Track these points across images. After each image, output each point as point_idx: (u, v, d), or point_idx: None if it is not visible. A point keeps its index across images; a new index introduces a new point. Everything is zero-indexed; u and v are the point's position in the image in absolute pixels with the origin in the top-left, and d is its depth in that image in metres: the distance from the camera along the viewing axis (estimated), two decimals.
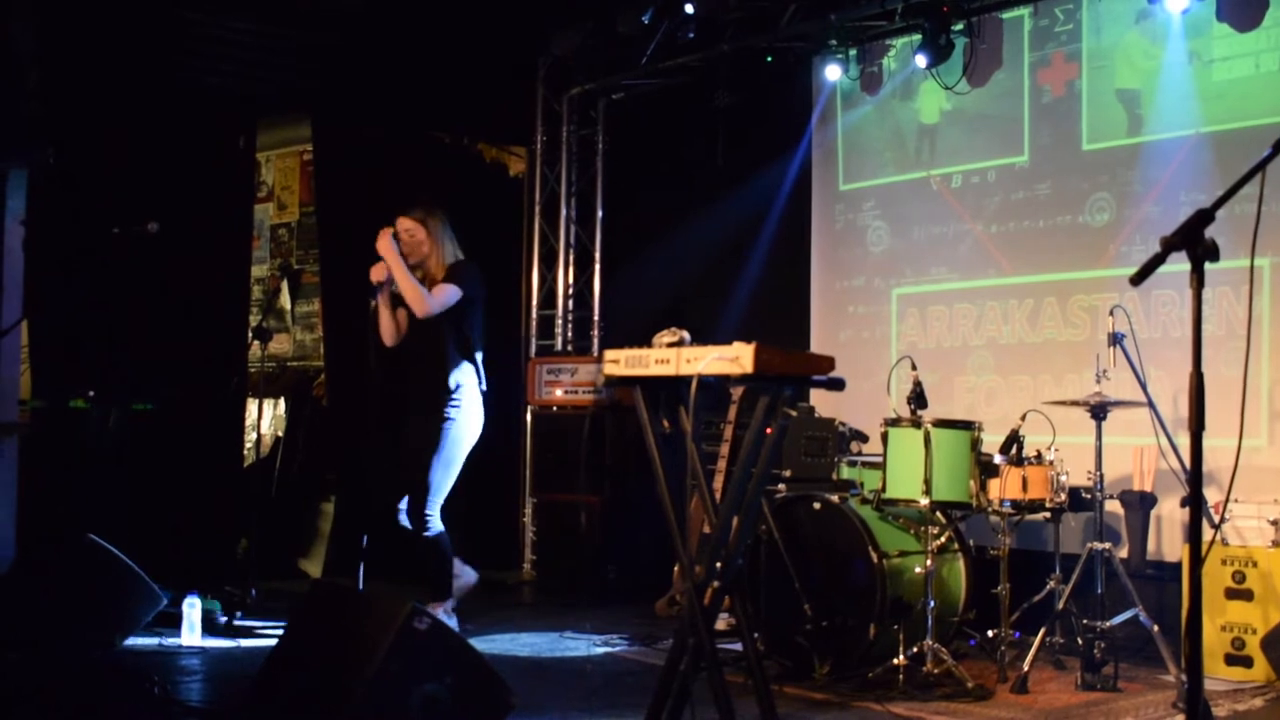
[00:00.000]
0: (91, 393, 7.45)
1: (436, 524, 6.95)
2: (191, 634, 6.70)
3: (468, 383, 7.02)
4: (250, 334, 8.38)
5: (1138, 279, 3.13)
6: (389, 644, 4.43)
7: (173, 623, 6.77)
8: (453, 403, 6.95)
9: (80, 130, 7.94)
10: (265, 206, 11.98)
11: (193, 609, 6.74)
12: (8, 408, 7.25)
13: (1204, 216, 3.11)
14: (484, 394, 7.14)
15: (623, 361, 4.33)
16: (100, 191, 8.11)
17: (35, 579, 6.37)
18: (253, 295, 10.65)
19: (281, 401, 11.01)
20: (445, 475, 6.95)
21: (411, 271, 6.94)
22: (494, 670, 4.73)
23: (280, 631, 5.32)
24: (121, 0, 8.18)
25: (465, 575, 7.22)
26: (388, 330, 7.08)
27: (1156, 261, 3.09)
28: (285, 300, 11.64)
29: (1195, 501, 3.24)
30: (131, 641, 6.52)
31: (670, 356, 4.19)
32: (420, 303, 6.85)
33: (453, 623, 7.07)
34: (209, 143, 9.03)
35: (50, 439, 7.62)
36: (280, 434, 10.58)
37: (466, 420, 7.01)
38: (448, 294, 6.93)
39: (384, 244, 6.84)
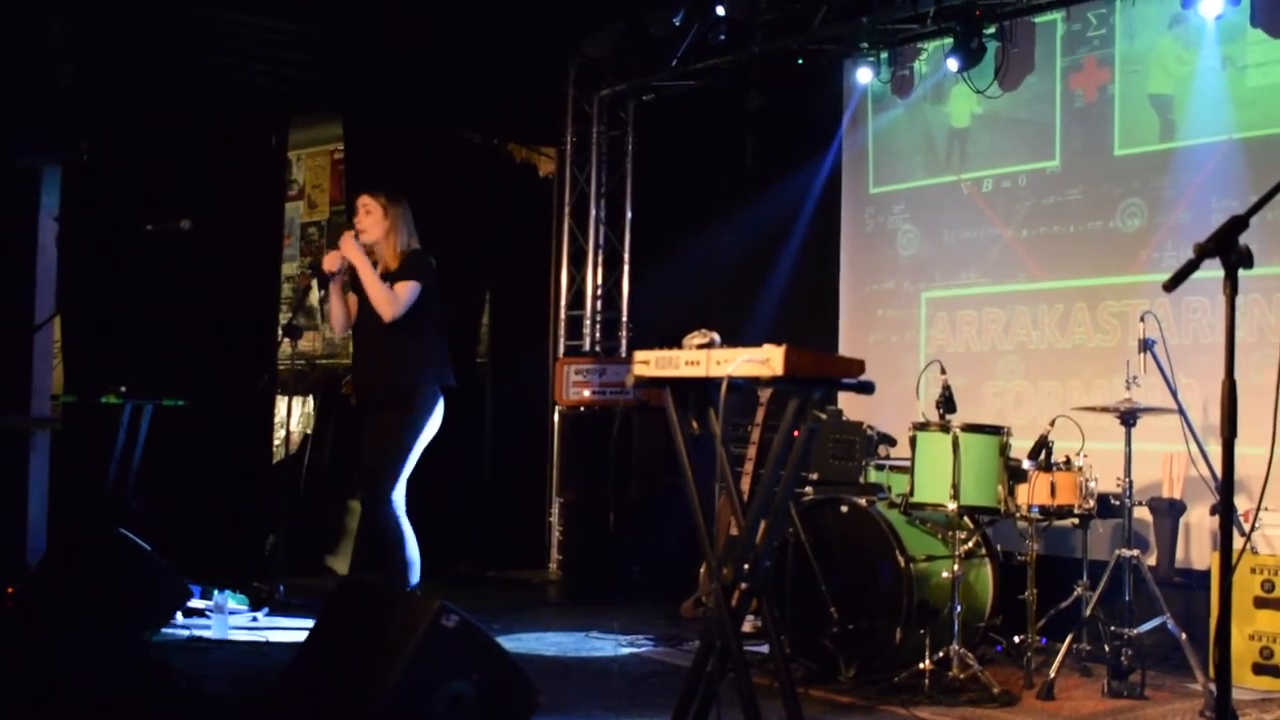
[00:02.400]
0: (123, 388, 7.49)
1: (396, 516, 6.62)
2: (220, 628, 6.75)
3: (421, 370, 6.72)
4: (280, 331, 8.42)
5: (1171, 285, 3.12)
6: (416, 641, 4.45)
7: (201, 617, 6.82)
8: (408, 392, 6.67)
9: (114, 128, 7.99)
10: (296, 205, 12.03)
11: (222, 603, 6.79)
12: (40, 402, 7.30)
13: (1238, 223, 3.10)
14: (449, 388, 6.80)
15: (653, 362, 4.33)
16: (133, 189, 8.15)
17: (65, 572, 6.39)
18: (283, 293, 10.69)
19: (310, 399, 11.06)
20: (398, 465, 6.61)
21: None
22: (521, 669, 4.74)
23: (308, 628, 5.34)
24: None
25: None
26: (338, 320, 6.88)
27: (1190, 268, 3.09)
28: (315, 298, 11.67)
29: (1226, 509, 3.23)
30: (160, 635, 6.55)
31: (700, 358, 4.19)
32: (387, 306, 6.60)
33: None
34: (241, 141, 9.08)
35: (82, 434, 7.66)
36: (309, 431, 10.63)
37: (420, 408, 6.66)
38: (410, 292, 6.64)
39: (349, 245, 6.64)
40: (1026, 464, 6.16)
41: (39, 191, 7.37)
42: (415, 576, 6.73)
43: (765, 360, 4.01)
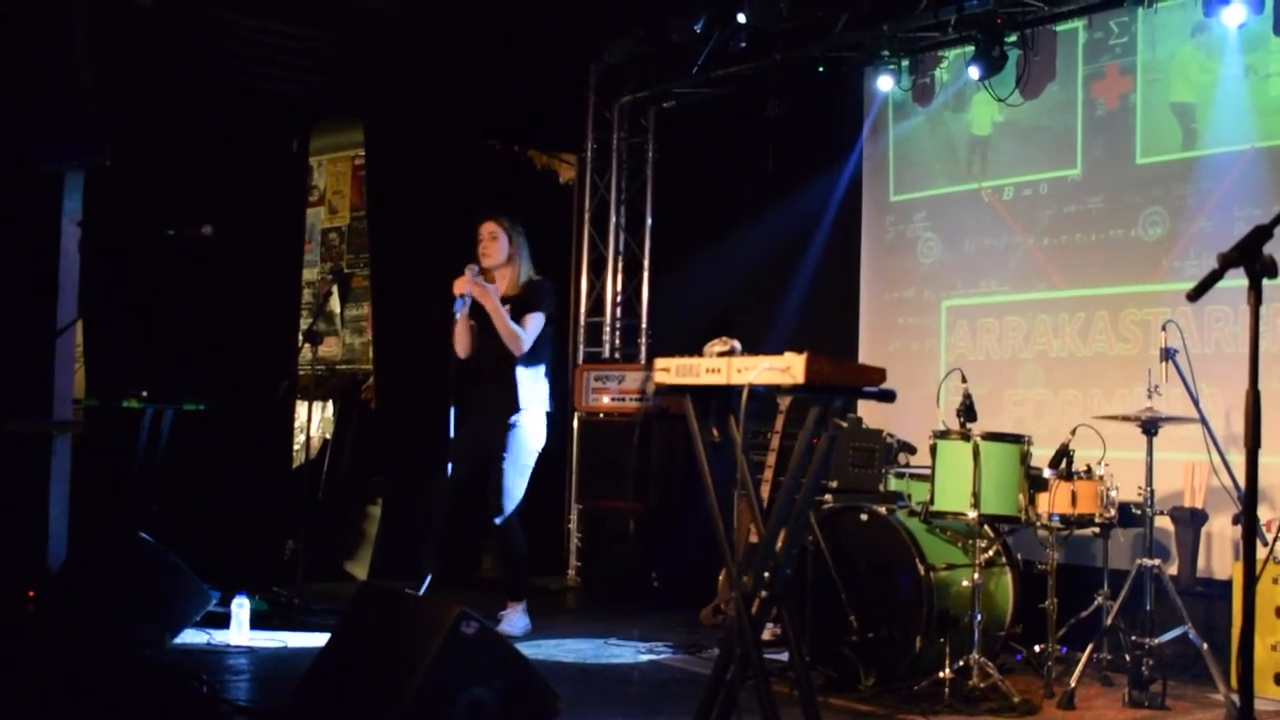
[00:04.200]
0: (144, 393, 7.51)
1: (514, 527, 7.27)
2: (239, 633, 6.76)
3: (535, 395, 7.28)
4: (300, 337, 8.44)
5: (1195, 295, 3.11)
6: (436, 648, 4.45)
7: (221, 622, 6.83)
8: (520, 413, 7.21)
9: (135, 134, 8.01)
10: (316, 210, 12.06)
11: (241, 609, 6.80)
12: (62, 406, 7.32)
13: (1262, 233, 3.10)
14: (549, 414, 7.42)
15: (674, 370, 4.34)
16: (155, 194, 8.18)
17: (87, 576, 6.43)
18: (303, 298, 10.72)
19: (330, 404, 11.09)
20: (517, 480, 7.25)
21: (483, 275, 7.21)
22: (540, 675, 4.75)
23: (328, 633, 5.35)
24: (176, 4, 8.26)
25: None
26: (463, 343, 7.33)
27: (1214, 278, 3.08)
28: (335, 304, 11.71)
29: (1249, 519, 3.23)
30: (180, 640, 6.57)
31: (721, 366, 4.20)
32: (515, 343, 7.12)
33: (525, 621, 7.42)
34: (262, 146, 9.10)
35: (103, 438, 7.70)
36: (328, 436, 10.66)
37: (532, 431, 7.29)
38: (535, 324, 7.20)
39: (475, 287, 7.08)
40: (1047, 473, 6.15)
41: (61, 197, 7.40)
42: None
43: (786, 368, 4.01)
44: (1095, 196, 7.88)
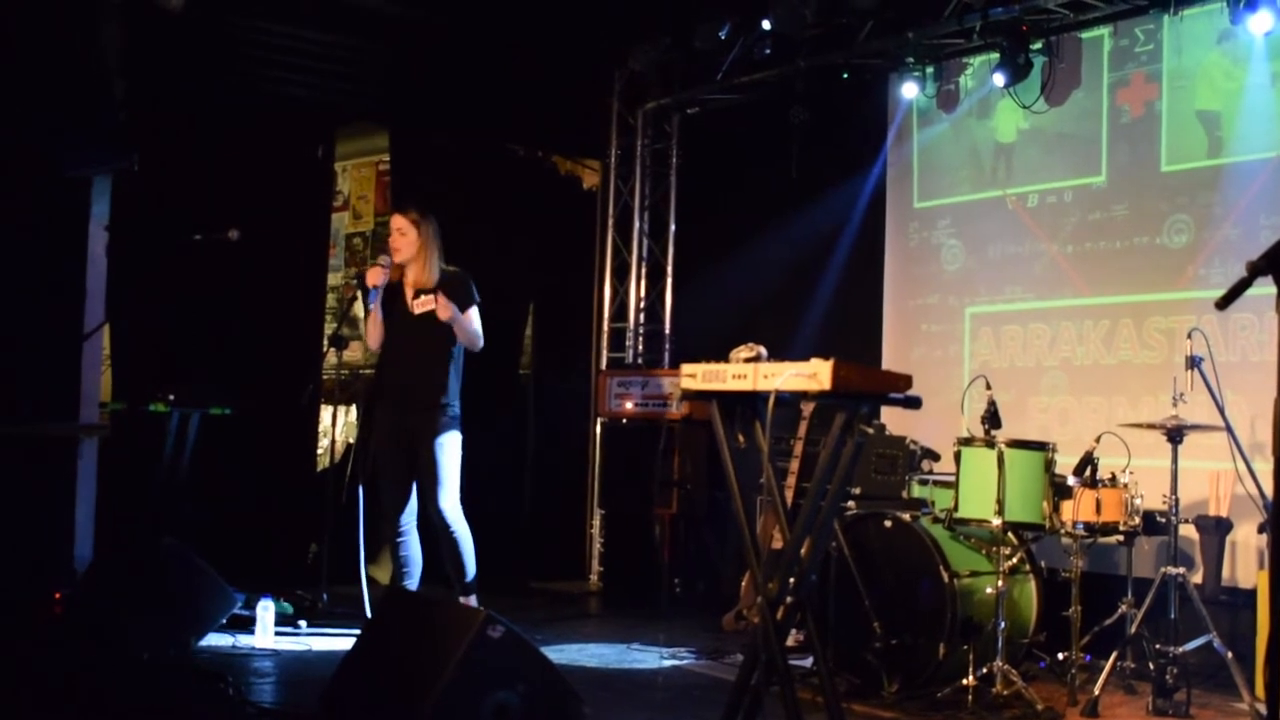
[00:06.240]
0: (170, 396, 7.55)
1: (459, 518, 6.98)
2: (264, 636, 6.79)
3: (457, 386, 7.11)
4: (325, 341, 8.47)
5: (1223, 304, 3.11)
6: (463, 651, 4.48)
7: (246, 624, 6.86)
8: (449, 402, 7.02)
9: (163, 139, 8.06)
10: (341, 215, 12.11)
11: (266, 611, 6.83)
12: (89, 410, 7.37)
13: None
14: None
15: (700, 375, 4.35)
16: (182, 199, 8.22)
17: (113, 579, 6.47)
18: (328, 303, 10.75)
19: (354, 408, 11.12)
20: (451, 465, 6.97)
21: (390, 270, 7.10)
22: (566, 680, 4.76)
23: (353, 636, 5.38)
24: (204, 12, 8.30)
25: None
26: (375, 335, 7.22)
27: (1242, 286, 3.07)
28: (359, 308, 11.73)
29: (1275, 527, 3.22)
30: (205, 642, 6.60)
31: (747, 372, 4.21)
32: (477, 343, 7.05)
33: None
34: (288, 152, 9.14)
35: (129, 441, 7.73)
36: (352, 440, 10.67)
37: (457, 420, 7.07)
38: (478, 320, 7.06)
39: (443, 307, 6.88)
40: (1072, 480, 6.14)
41: (89, 201, 7.45)
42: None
43: (813, 374, 4.02)
44: (1120, 204, 7.87)
